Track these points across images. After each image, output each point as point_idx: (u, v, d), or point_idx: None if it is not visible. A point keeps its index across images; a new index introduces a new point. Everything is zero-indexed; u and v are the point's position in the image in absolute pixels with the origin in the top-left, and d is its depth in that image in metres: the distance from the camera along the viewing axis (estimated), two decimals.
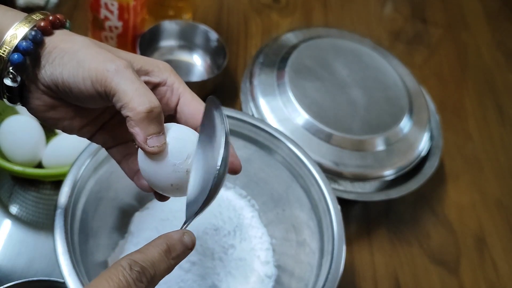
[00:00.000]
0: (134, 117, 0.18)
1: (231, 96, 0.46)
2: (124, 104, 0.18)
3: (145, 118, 0.18)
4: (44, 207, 0.36)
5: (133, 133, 0.18)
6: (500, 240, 0.42)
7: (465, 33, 0.60)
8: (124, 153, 0.22)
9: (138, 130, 0.18)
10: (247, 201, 0.35)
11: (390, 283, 0.37)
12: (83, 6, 0.49)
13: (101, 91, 0.19)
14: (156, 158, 0.19)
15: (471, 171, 0.46)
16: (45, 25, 0.19)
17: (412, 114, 0.42)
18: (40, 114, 0.20)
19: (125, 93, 0.18)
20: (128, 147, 0.22)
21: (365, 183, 0.39)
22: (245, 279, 0.31)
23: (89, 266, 0.28)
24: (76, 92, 0.19)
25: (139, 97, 0.18)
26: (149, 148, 0.19)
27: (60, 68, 0.19)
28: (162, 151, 0.19)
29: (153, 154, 0.19)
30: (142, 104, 0.18)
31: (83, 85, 0.19)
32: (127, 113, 0.18)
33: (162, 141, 0.19)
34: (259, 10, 0.55)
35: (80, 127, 0.21)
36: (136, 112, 0.18)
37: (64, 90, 0.19)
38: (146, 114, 0.18)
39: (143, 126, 0.18)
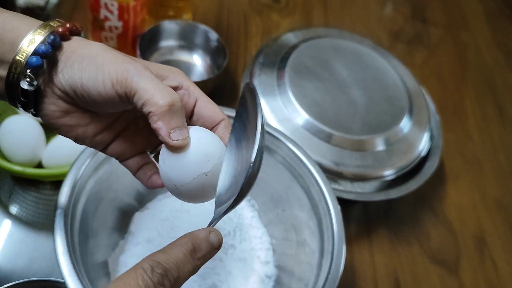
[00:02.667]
0: (156, 111, 0.18)
1: (231, 96, 0.46)
2: (146, 100, 0.18)
3: (168, 112, 0.18)
4: (44, 207, 0.36)
5: (156, 128, 0.18)
6: (500, 240, 0.42)
7: (465, 33, 0.60)
8: (140, 163, 0.22)
9: (161, 124, 0.18)
10: (247, 201, 0.35)
11: (390, 283, 0.37)
12: (83, 6, 0.49)
13: (121, 92, 0.19)
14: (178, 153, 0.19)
15: (471, 171, 0.46)
16: (63, 31, 0.19)
17: (412, 114, 0.42)
18: (54, 120, 0.20)
19: (146, 90, 0.18)
20: (144, 157, 0.22)
21: (365, 183, 0.39)
22: (245, 279, 0.31)
23: (89, 266, 0.28)
24: (95, 96, 0.19)
25: (160, 92, 0.18)
26: (172, 141, 0.19)
27: (79, 72, 0.19)
28: (186, 144, 0.19)
29: (176, 147, 0.19)
30: (164, 98, 0.18)
31: (103, 88, 0.19)
32: (150, 108, 0.18)
33: (185, 134, 0.19)
34: (259, 10, 0.55)
35: (94, 134, 0.21)
36: (159, 106, 0.18)
37: (82, 94, 0.19)
38: (168, 107, 0.18)
39: (166, 120, 0.18)
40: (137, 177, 0.22)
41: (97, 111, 0.20)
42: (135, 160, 0.22)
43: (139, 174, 0.22)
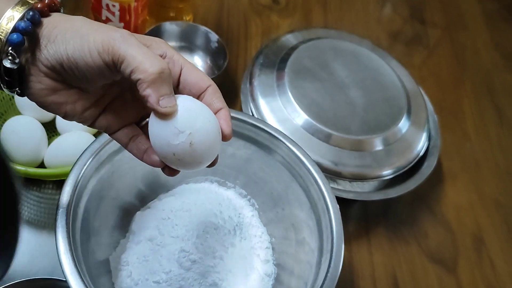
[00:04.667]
0: (146, 78, 0.18)
1: (231, 97, 0.46)
2: (135, 68, 0.18)
3: (157, 79, 0.18)
4: (46, 206, 0.36)
5: (145, 95, 0.18)
6: (498, 239, 0.42)
7: (463, 34, 0.60)
8: (130, 135, 0.22)
9: (151, 91, 0.18)
10: (247, 201, 0.35)
11: (389, 281, 0.37)
12: (84, 7, 0.49)
13: (109, 61, 0.18)
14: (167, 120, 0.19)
15: (469, 171, 0.46)
16: (42, 7, 0.19)
17: (410, 114, 0.42)
18: (42, 99, 0.20)
19: (134, 58, 0.18)
20: (133, 129, 0.22)
21: (364, 182, 0.39)
22: (245, 278, 0.31)
23: (90, 264, 0.28)
24: (82, 66, 0.19)
25: (148, 60, 0.18)
26: (162, 108, 0.19)
27: (63, 45, 0.19)
28: (174, 111, 0.19)
29: (165, 114, 0.19)
30: (153, 66, 0.18)
31: (90, 57, 0.18)
32: (139, 75, 0.18)
33: (173, 102, 0.19)
34: (259, 11, 0.55)
35: (82, 110, 0.21)
36: (148, 74, 0.18)
37: (70, 67, 0.19)
38: (158, 75, 0.18)
39: (155, 87, 0.18)
40: (129, 149, 0.22)
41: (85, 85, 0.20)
42: (123, 132, 0.22)
43: (131, 147, 0.22)
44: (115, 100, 0.22)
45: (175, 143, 0.20)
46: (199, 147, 0.20)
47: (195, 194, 0.34)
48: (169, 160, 0.21)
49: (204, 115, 0.20)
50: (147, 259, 0.30)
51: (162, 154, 0.21)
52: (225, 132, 0.21)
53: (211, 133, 0.20)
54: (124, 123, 0.22)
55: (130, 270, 0.30)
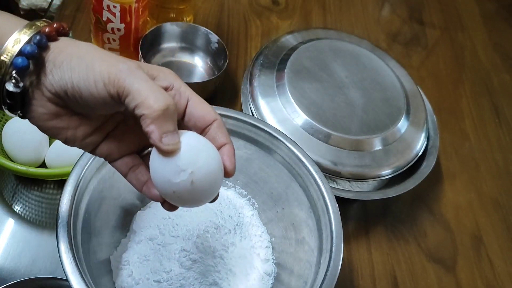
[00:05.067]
0: (150, 114, 0.18)
1: (232, 97, 0.46)
2: (139, 102, 0.18)
3: (161, 116, 0.18)
4: (47, 206, 0.36)
5: (148, 131, 0.18)
6: (497, 239, 0.42)
7: (461, 34, 0.60)
8: (130, 164, 0.22)
9: (154, 127, 0.18)
10: (247, 200, 0.36)
11: (388, 280, 0.38)
12: (85, 8, 0.49)
13: (114, 93, 0.18)
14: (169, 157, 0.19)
15: (468, 171, 0.47)
16: (50, 31, 0.19)
17: (409, 114, 0.43)
18: (43, 123, 0.20)
19: (139, 92, 0.18)
20: (133, 158, 0.22)
21: (363, 182, 0.39)
22: (246, 277, 0.32)
23: (91, 264, 0.28)
24: (87, 96, 0.19)
25: (154, 95, 0.18)
26: (164, 146, 0.18)
27: (69, 72, 0.19)
28: (177, 149, 0.19)
29: (167, 152, 0.19)
30: (158, 102, 0.18)
31: (95, 88, 0.18)
32: (143, 111, 0.18)
33: (176, 139, 0.19)
34: (259, 13, 0.56)
35: (83, 137, 0.21)
36: (153, 110, 0.18)
37: (74, 95, 0.19)
38: (162, 111, 0.18)
39: (159, 124, 0.18)
40: (129, 180, 0.22)
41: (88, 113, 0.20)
42: (124, 161, 0.22)
43: (130, 177, 0.22)
44: (117, 127, 0.22)
45: (176, 181, 0.19)
46: (201, 186, 0.20)
47: None
48: (169, 197, 0.20)
49: (207, 152, 0.20)
50: (148, 259, 0.31)
51: (162, 191, 0.20)
52: (227, 169, 0.20)
53: (213, 171, 0.20)
54: (125, 152, 0.22)
55: (131, 270, 0.30)
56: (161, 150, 0.19)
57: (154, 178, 0.20)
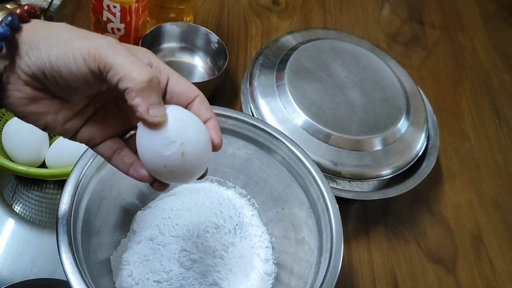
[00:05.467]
0: (134, 87, 0.17)
1: (232, 97, 0.46)
2: (123, 76, 0.17)
3: (146, 88, 0.18)
4: (47, 206, 0.36)
5: (134, 104, 0.18)
6: (497, 239, 0.42)
7: (461, 34, 0.60)
8: (113, 147, 0.21)
9: (140, 100, 0.18)
10: (247, 200, 0.36)
11: (388, 280, 0.38)
12: (85, 8, 0.49)
13: (94, 68, 0.18)
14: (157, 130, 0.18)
15: (468, 171, 0.47)
16: (21, 12, 0.18)
17: (409, 114, 0.43)
18: (21, 108, 0.19)
19: (122, 66, 0.18)
20: (116, 142, 0.21)
21: (363, 182, 0.39)
22: (246, 277, 0.32)
23: (91, 264, 0.28)
24: (66, 74, 0.18)
25: (137, 68, 0.18)
26: (152, 118, 0.18)
27: (47, 52, 0.18)
28: (165, 121, 0.18)
29: (155, 124, 0.18)
30: (142, 74, 0.18)
31: (75, 65, 0.18)
32: (127, 84, 0.17)
33: (163, 111, 0.18)
34: (259, 13, 0.56)
35: (64, 121, 0.20)
36: (137, 82, 0.17)
37: (53, 75, 0.18)
38: (147, 83, 0.18)
39: (145, 96, 0.18)
40: (114, 163, 0.21)
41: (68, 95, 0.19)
42: (106, 145, 0.21)
43: (115, 160, 0.21)
44: (98, 111, 0.21)
45: (167, 154, 0.19)
46: (191, 157, 0.19)
47: (195, 194, 0.35)
48: (160, 173, 0.20)
49: (194, 125, 0.20)
50: (147, 259, 0.31)
51: (152, 167, 0.20)
52: (215, 141, 0.20)
53: (202, 142, 0.20)
54: (107, 136, 0.21)
55: (131, 270, 0.30)
56: (148, 122, 0.18)
57: (143, 156, 0.20)
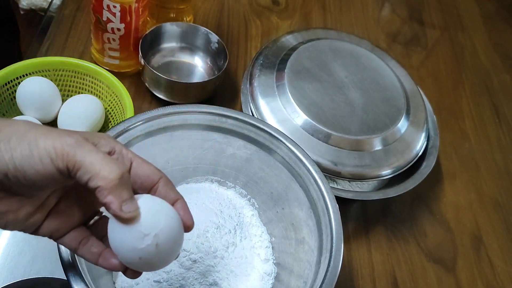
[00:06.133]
0: (106, 185, 0.18)
1: (232, 97, 0.46)
2: (94, 175, 0.18)
3: (118, 185, 0.18)
4: None
5: (107, 202, 0.18)
6: (497, 239, 0.42)
7: (461, 34, 0.60)
8: (79, 238, 0.21)
9: (112, 198, 0.18)
10: (247, 200, 0.36)
11: (388, 280, 0.38)
12: (85, 8, 0.49)
13: (63, 167, 0.18)
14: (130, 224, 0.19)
15: (468, 171, 0.47)
16: None
17: (409, 114, 0.43)
18: None
19: (92, 164, 0.18)
20: (81, 231, 0.21)
21: (363, 182, 0.39)
22: (246, 277, 0.32)
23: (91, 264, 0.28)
24: (31, 175, 0.18)
25: (107, 166, 0.18)
26: (125, 214, 0.18)
27: (9, 153, 0.18)
28: (138, 215, 0.19)
29: (129, 220, 0.19)
30: (112, 172, 0.18)
31: (41, 164, 0.17)
32: (98, 183, 0.18)
33: (135, 205, 0.19)
34: (259, 13, 0.56)
35: (25, 218, 0.19)
36: (109, 180, 0.18)
37: (16, 176, 0.18)
38: (118, 180, 0.18)
39: (117, 193, 0.18)
40: (81, 254, 0.21)
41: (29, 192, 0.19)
42: (71, 236, 0.21)
43: (82, 251, 0.21)
44: (59, 202, 0.21)
45: (141, 247, 0.19)
46: (165, 247, 0.20)
47: (195, 194, 0.35)
48: (135, 264, 0.20)
49: (166, 212, 0.20)
50: None
51: (126, 259, 0.20)
52: (187, 223, 0.21)
53: (174, 229, 0.20)
54: (71, 226, 0.21)
55: None
56: (122, 218, 0.19)
57: (116, 248, 0.20)
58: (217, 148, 0.34)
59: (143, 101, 0.44)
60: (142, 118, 0.31)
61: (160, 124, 0.32)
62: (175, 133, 0.33)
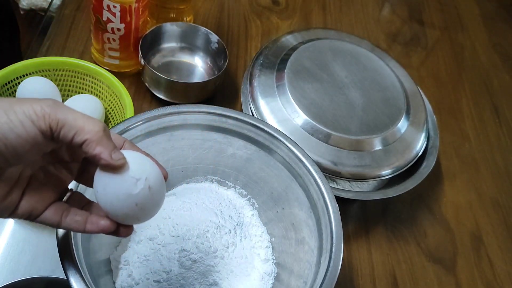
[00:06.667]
0: (93, 137, 0.19)
1: (232, 97, 0.46)
2: (79, 130, 0.18)
3: (104, 136, 0.19)
4: None
5: (96, 154, 0.19)
6: (497, 239, 0.42)
7: (461, 34, 0.60)
8: (59, 212, 0.21)
9: (101, 148, 0.19)
10: (247, 200, 0.36)
11: (388, 280, 0.38)
12: (85, 8, 0.49)
13: (45, 128, 0.18)
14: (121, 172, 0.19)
15: (468, 171, 0.47)
16: None
17: (409, 114, 0.43)
18: None
19: (76, 120, 0.18)
20: (59, 205, 0.21)
21: (363, 182, 0.40)
22: (246, 277, 0.32)
23: (91, 264, 0.28)
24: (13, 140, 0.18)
25: (89, 120, 0.19)
26: (116, 162, 0.19)
27: None
28: (126, 162, 0.20)
29: (120, 166, 0.19)
30: (96, 125, 0.19)
31: (22, 128, 0.18)
32: (85, 136, 0.18)
33: (121, 154, 0.20)
34: (259, 13, 0.56)
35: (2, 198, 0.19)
36: (95, 132, 0.19)
37: None
38: (103, 132, 0.19)
39: (105, 144, 0.19)
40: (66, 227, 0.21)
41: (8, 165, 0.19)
42: (51, 211, 0.21)
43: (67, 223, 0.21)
44: (31, 181, 0.21)
45: (136, 192, 0.20)
46: (156, 189, 0.21)
47: (195, 194, 0.35)
48: (130, 214, 0.20)
49: (147, 160, 0.21)
50: (147, 259, 0.31)
51: (122, 210, 0.20)
52: (163, 172, 0.22)
53: (159, 173, 0.21)
54: (48, 203, 0.21)
55: (131, 270, 0.30)
56: (114, 166, 0.19)
57: (109, 202, 0.20)
58: (217, 148, 0.34)
59: (143, 101, 0.44)
60: (142, 118, 0.31)
61: (160, 124, 0.32)
62: (175, 133, 0.33)
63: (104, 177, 0.20)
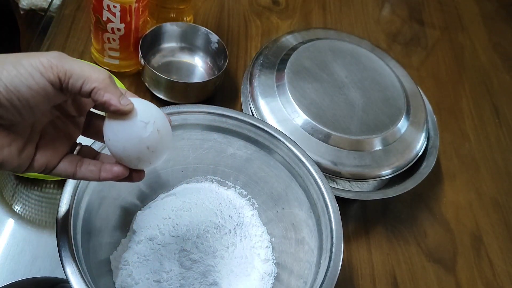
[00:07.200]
0: (100, 85, 0.19)
1: (232, 97, 0.46)
2: (86, 78, 0.19)
3: (110, 84, 0.20)
4: (47, 206, 0.36)
5: (106, 100, 0.19)
6: (497, 239, 0.42)
7: (461, 34, 0.60)
8: (74, 163, 0.22)
9: (110, 95, 0.19)
10: (247, 200, 0.36)
11: (388, 280, 0.38)
12: (85, 8, 0.49)
13: (54, 78, 0.19)
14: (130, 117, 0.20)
15: (468, 171, 0.47)
16: None
17: (409, 114, 0.43)
18: None
19: (82, 69, 0.19)
20: (73, 157, 0.22)
21: (363, 182, 0.40)
22: (246, 277, 0.32)
23: (91, 264, 0.28)
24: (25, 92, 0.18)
25: (94, 69, 0.19)
26: (125, 107, 0.20)
27: None
28: (134, 107, 0.20)
29: (129, 111, 0.20)
30: (101, 73, 0.19)
31: (33, 79, 0.18)
32: (93, 84, 0.19)
33: (128, 99, 0.20)
34: (259, 13, 0.56)
35: (18, 152, 0.20)
36: (102, 80, 0.19)
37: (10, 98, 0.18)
38: (109, 79, 0.20)
39: (112, 90, 0.20)
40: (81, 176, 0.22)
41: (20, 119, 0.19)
42: (66, 163, 0.22)
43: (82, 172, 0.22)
44: (42, 136, 0.21)
45: (146, 135, 0.21)
46: (164, 132, 0.21)
47: (195, 194, 0.35)
48: (142, 158, 0.21)
49: (151, 105, 0.22)
50: (147, 259, 0.31)
51: (134, 154, 0.21)
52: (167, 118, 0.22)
53: (164, 117, 0.22)
54: (61, 155, 0.22)
55: (131, 270, 0.30)
56: (123, 111, 0.20)
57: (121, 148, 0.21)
58: (217, 148, 0.34)
59: None
60: None
61: None
62: (175, 133, 0.33)
63: (114, 124, 0.21)
